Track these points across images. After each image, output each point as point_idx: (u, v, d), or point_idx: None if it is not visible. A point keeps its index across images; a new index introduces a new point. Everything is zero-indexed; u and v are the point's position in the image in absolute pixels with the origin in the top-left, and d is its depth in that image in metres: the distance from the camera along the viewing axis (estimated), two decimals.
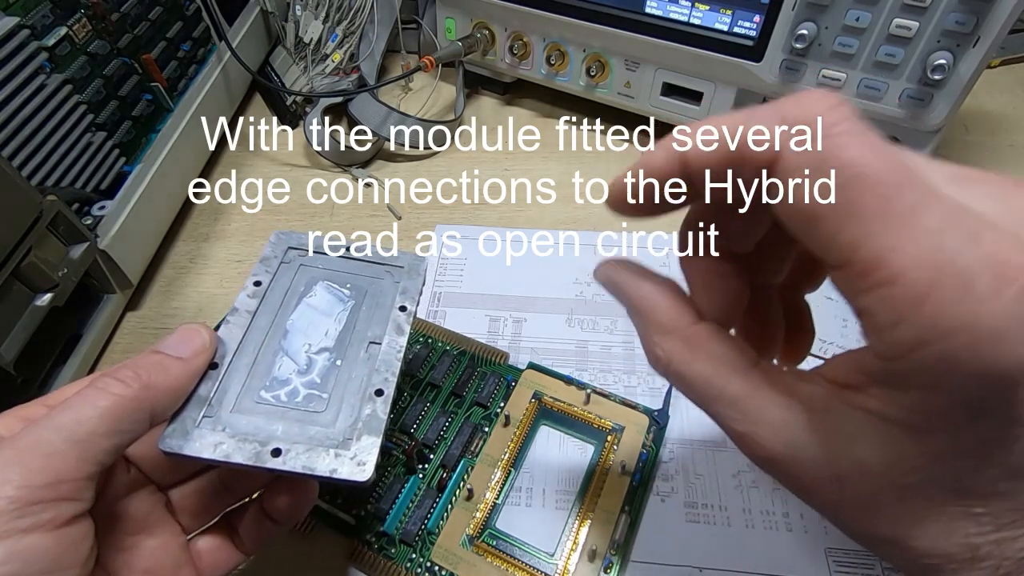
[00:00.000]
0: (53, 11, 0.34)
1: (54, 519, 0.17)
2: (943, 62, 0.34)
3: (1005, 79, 0.56)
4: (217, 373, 0.22)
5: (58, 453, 0.17)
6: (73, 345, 0.34)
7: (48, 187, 0.33)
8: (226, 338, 0.23)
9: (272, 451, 0.21)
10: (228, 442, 0.21)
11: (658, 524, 0.29)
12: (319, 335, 0.24)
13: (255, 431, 0.21)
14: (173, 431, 0.21)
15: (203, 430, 0.21)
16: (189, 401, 0.21)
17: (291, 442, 0.21)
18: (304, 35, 0.53)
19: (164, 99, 0.42)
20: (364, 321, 0.25)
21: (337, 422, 0.22)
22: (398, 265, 0.27)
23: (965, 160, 0.48)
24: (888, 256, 0.12)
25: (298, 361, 0.23)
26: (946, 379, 0.12)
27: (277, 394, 0.22)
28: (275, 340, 0.24)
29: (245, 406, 0.22)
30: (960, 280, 0.12)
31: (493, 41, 0.51)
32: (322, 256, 0.27)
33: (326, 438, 0.22)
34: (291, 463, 0.20)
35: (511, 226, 0.44)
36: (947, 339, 0.12)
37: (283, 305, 0.25)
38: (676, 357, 0.17)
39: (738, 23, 0.40)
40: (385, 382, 0.23)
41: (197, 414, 0.21)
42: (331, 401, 0.23)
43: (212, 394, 0.22)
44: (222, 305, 0.38)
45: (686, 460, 0.31)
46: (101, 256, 0.34)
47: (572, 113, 0.54)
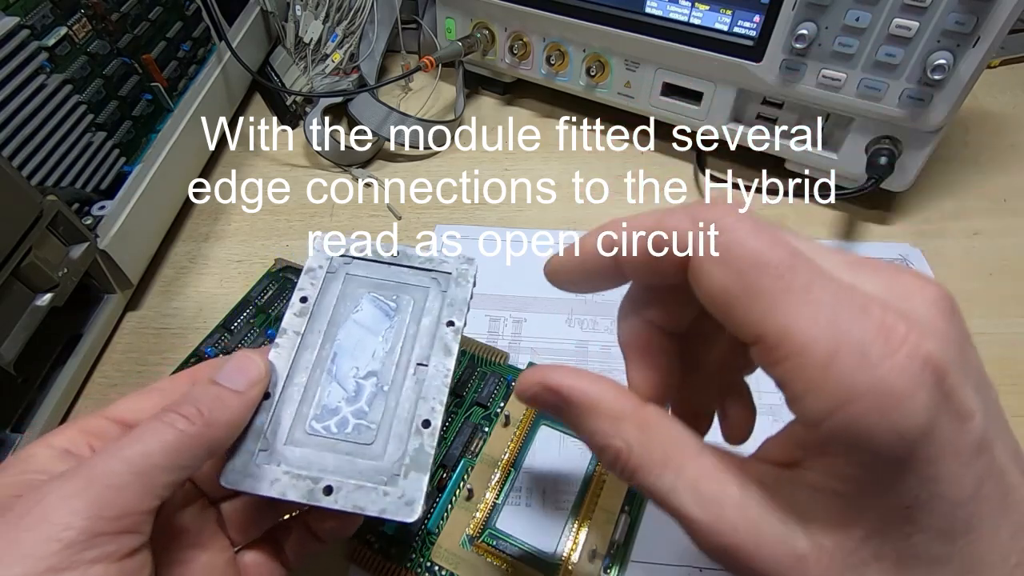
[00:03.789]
0: (53, 11, 0.34)
1: (117, 551, 0.17)
2: (943, 62, 0.34)
3: (1005, 79, 0.56)
4: (270, 403, 0.22)
5: (125, 486, 0.17)
6: (73, 345, 0.34)
7: (48, 187, 0.33)
8: (276, 363, 0.23)
9: (324, 488, 0.21)
10: (283, 479, 0.21)
11: (658, 524, 0.29)
12: (366, 357, 0.24)
13: (307, 465, 0.22)
14: (234, 467, 0.21)
15: (260, 466, 0.21)
16: (246, 433, 0.22)
17: (342, 477, 0.21)
18: (304, 35, 0.53)
19: (164, 99, 0.42)
20: (411, 338, 0.25)
21: (385, 455, 0.22)
22: (445, 272, 0.26)
23: (965, 160, 0.48)
24: (791, 330, 0.14)
25: (346, 387, 0.23)
26: (859, 443, 0.13)
27: (327, 424, 0.23)
28: (324, 363, 0.24)
29: (297, 438, 0.22)
30: (856, 348, 0.13)
31: (493, 41, 0.51)
32: (367, 263, 0.27)
33: (375, 473, 0.22)
34: (342, 502, 0.21)
35: (511, 226, 0.44)
36: (852, 403, 0.13)
37: (331, 322, 0.25)
38: (636, 442, 0.17)
39: (738, 23, 0.40)
40: (432, 412, 0.23)
41: (254, 447, 0.22)
42: (379, 432, 0.23)
43: (267, 426, 0.22)
44: (222, 305, 0.38)
45: None
46: (101, 256, 0.34)
47: (572, 113, 0.54)
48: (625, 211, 0.45)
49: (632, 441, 0.17)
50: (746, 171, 0.48)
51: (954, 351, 0.14)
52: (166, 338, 0.38)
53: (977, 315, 0.38)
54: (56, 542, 0.16)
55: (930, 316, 0.14)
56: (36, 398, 0.32)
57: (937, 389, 0.13)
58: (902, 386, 0.13)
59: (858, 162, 0.41)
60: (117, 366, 0.37)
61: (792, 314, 0.14)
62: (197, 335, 0.37)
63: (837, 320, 0.13)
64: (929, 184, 0.46)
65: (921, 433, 0.13)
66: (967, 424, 0.13)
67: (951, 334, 0.14)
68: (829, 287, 0.14)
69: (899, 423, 0.13)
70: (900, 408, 0.13)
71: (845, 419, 0.13)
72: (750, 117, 0.45)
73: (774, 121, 0.44)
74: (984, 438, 0.14)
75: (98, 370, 0.36)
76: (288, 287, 0.39)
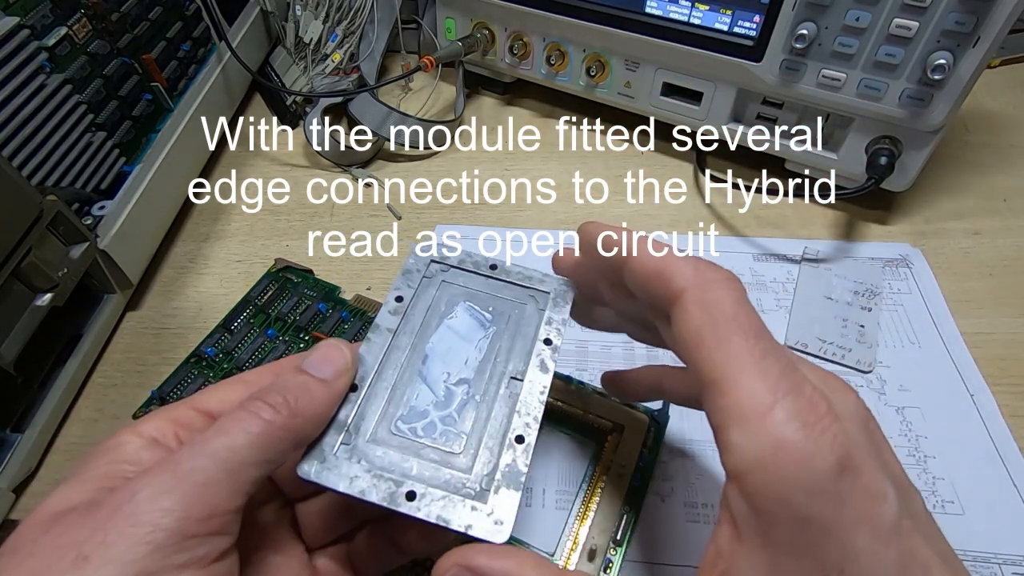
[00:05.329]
0: (53, 11, 0.34)
1: (207, 555, 0.16)
2: (943, 62, 0.34)
3: (1005, 79, 0.56)
4: (356, 396, 0.21)
5: (213, 483, 0.17)
6: (73, 345, 0.35)
7: (48, 187, 0.33)
8: (366, 356, 0.22)
9: (407, 494, 0.20)
10: (364, 477, 0.20)
11: (658, 524, 0.29)
12: (459, 363, 0.23)
13: (390, 467, 0.20)
14: (312, 457, 0.20)
15: (340, 460, 0.20)
16: (329, 425, 0.21)
17: (427, 485, 0.20)
18: (304, 35, 0.53)
19: (164, 99, 0.42)
20: (505, 352, 0.24)
21: (474, 467, 0.21)
22: (544, 290, 0.26)
23: (965, 160, 0.48)
24: (741, 383, 0.16)
25: (436, 391, 0.22)
26: (784, 491, 0.15)
27: (414, 427, 0.21)
28: (414, 364, 0.23)
29: (381, 436, 0.21)
30: (788, 410, 0.15)
31: (493, 41, 0.51)
32: (464, 273, 0.26)
33: (462, 485, 0.20)
34: (425, 511, 0.19)
35: (511, 226, 0.44)
36: (778, 452, 0.15)
37: (423, 324, 0.24)
38: None
39: (738, 23, 0.40)
40: (527, 428, 0.22)
41: (335, 440, 0.20)
42: (469, 442, 0.21)
43: (350, 419, 0.21)
44: (222, 305, 0.38)
45: (686, 460, 0.31)
46: (101, 256, 0.34)
47: (572, 113, 0.54)
48: (625, 211, 0.46)
49: None
50: (746, 171, 0.48)
51: (864, 439, 0.17)
52: (166, 338, 0.38)
53: (977, 315, 0.38)
54: (145, 545, 0.15)
55: (848, 410, 0.17)
56: (36, 398, 0.32)
57: (847, 459, 0.15)
58: (816, 447, 0.15)
59: (858, 162, 0.41)
60: (117, 366, 0.37)
61: (747, 371, 0.16)
62: (197, 335, 0.37)
63: (779, 386, 0.16)
64: (929, 184, 0.46)
65: (834, 488, 0.15)
66: (880, 503, 0.15)
67: (863, 427, 0.17)
68: (780, 361, 0.17)
69: (815, 474, 0.15)
70: (815, 461, 0.15)
71: (776, 463, 0.15)
72: (750, 117, 0.45)
73: (774, 121, 0.44)
74: (901, 523, 0.15)
75: (98, 370, 0.36)
76: (288, 287, 0.39)
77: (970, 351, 0.36)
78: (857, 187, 0.39)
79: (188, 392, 0.34)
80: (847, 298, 0.39)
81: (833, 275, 0.40)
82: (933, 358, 0.36)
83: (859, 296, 0.39)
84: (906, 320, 0.38)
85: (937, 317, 0.38)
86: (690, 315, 0.18)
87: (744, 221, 0.44)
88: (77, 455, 0.33)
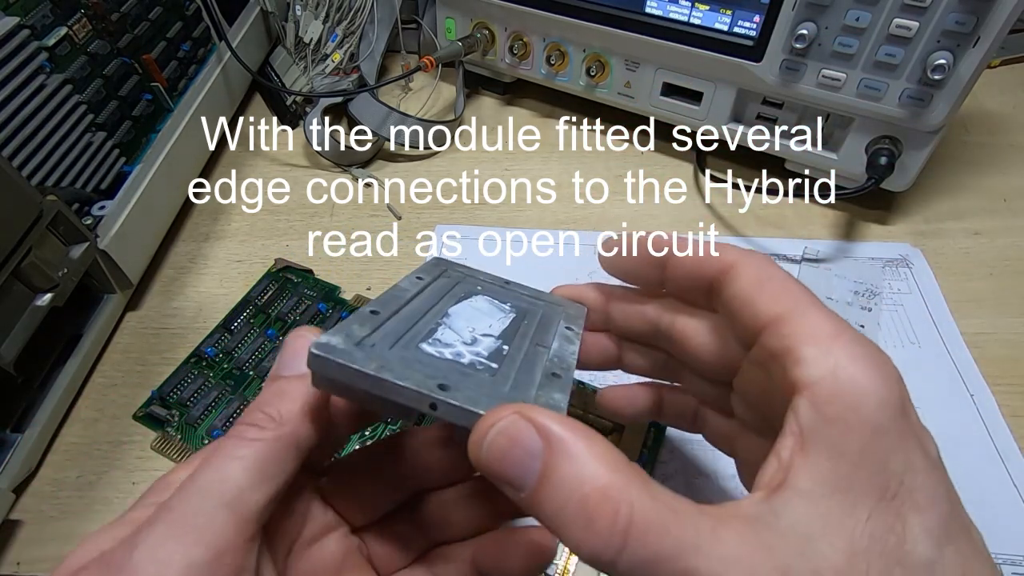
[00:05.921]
0: (53, 11, 0.34)
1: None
2: (943, 62, 0.34)
3: (1005, 79, 0.56)
4: (377, 318, 0.19)
5: (212, 521, 0.15)
6: (73, 345, 0.34)
7: (48, 187, 0.33)
8: (387, 300, 0.20)
9: (440, 385, 0.16)
10: (392, 361, 0.17)
11: None
12: (483, 326, 0.22)
13: (419, 367, 0.17)
14: (330, 336, 0.17)
15: (364, 349, 0.17)
16: (349, 326, 0.18)
17: (460, 387, 0.17)
18: (304, 35, 0.53)
19: (164, 99, 0.42)
20: (527, 329, 0.22)
21: (507, 387, 0.18)
22: (557, 304, 0.25)
23: (965, 160, 0.48)
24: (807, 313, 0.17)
25: (463, 335, 0.20)
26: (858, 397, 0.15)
27: (441, 351, 0.19)
28: (437, 316, 0.21)
29: (406, 353, 0.18)
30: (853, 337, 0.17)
31: (493, 41, 0.51)
32: (479, 281, 0.26)
33: (499, 396, 0.17)
34: (462, 401, 0.16)
35: (511, 226, 0.44)
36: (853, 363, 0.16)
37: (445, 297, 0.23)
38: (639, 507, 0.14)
39: (738, 23, 0.40)
40: (564, 368, 0.20)
41: (359, 332, 0.17)
42: (500, 373, 0.19)
43: (372, 331, 0.18)
44: (222, 305, 0.38)
45: (686, 460, 0.31)
46: (101, 256, 0.34)
47: (572, 113, 0.54)
48: (625, 211, 0.46)
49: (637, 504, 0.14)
50: (746, 171, 0.48)
51: None
52: (166, 338, 0.38)
53: (977, 315, 0.38)
54: None
55: None
56: (36, 398, 0.32)
57: (906, 388, 0.16)
58: (884, 367, 0.16)
59: (858, 162, 0.41)
60: (117, 366, 0.37)
61: (812, 308, 0.17)
62: (197, 335, 0.37)
63: (839, 321, 0.17)
64: (929, 184, 0.46)
65: (901, 406, 0.15)
66: (928, 438, 0.16)
67: None
68: (832, 313, 0.17)
69: (887, 388, 0.15)
70: (886, 377, 0.16)
71: (850, 376, 0.15)
72: (750, 117, 0.45)
73: (774, 121, 0.44)
74: (940, 460, 0.16)
75: (98, 370, 0.36)
76: (288, 287, 0.39)
77: (970, 351, 0.36)
78: (857, 187, 0.39)
79: (188, 392, 0.34)
80: (847, 298, 0.39)
81: (833, 275, 0.40)
82: (933, 358, 0.36)
83: (859, 296, 0.39)
84: (906, 320, 0.38)
85: (937, 317, 0.38)
86: (747, 275, 0.19)
87: (744, 221, 0.44)
88: (77, 455, 0.33)
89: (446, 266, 0.26)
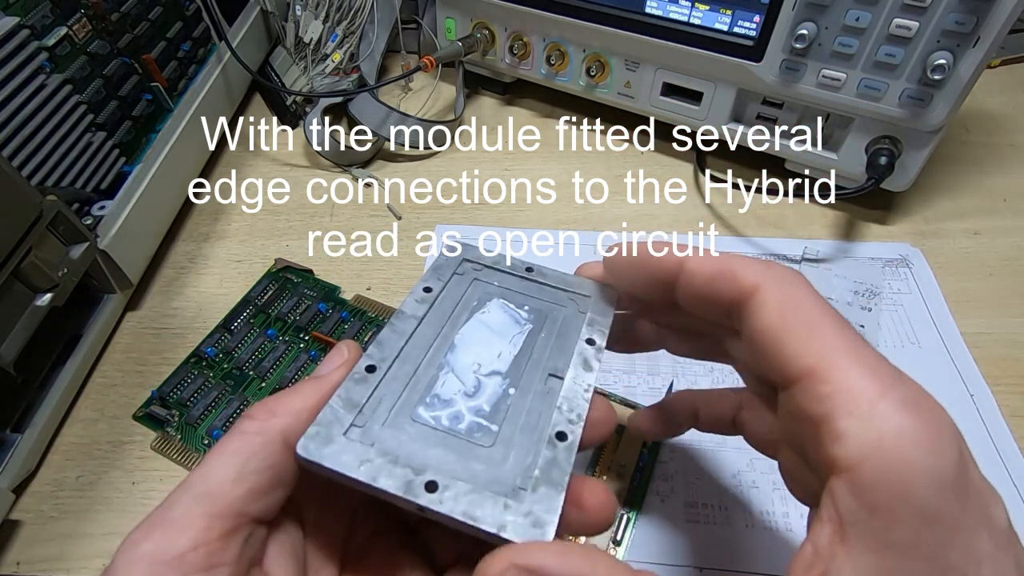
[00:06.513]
0: (53, 11, 0.34)
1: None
2: (943, 62, 0.34)
3: (1005, 79, 0.56)
4: (374, 378, 0.19)
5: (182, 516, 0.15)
6: (73, 345, 0.34)
7: (48, 187, 0.33)
8: (387, 342, 0.20)
9: (427, 483, 0.17)
10: (377, 462, 0.17)
11: (658, 524, 0.29)
12: (491, 356, 0.21)
13: (409, 455, 0.17)
14: (316, 434, 0.17)
15: (350, 441, 0.17)
16: (338, 403, 0.18)
17: (450, 477, 0.17)
18: (304, 35, 0.53)
19: (164, 99, 0.42)
20: (542, 348, 0.21)
21: (507, 463, 0.18)
22: (584, 293, 0.24)
23: (965, 160, 0.48)
24: (843, 367, 0.15)
25: (465, 381, 0.20)
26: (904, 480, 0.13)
27: (438, 416, 0.19)
28: (441, 353, 0.21)
29: (400, 423, 0.18)
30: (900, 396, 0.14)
31: (493, 41, 0.51)
32: (499, 273, 0.24)
33: (493, 481, 0.17)
34: (448, 505, 0.16)
35: (511, 226, 0.44)
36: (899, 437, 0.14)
37: (453, 317, 0.22)
38: None
39: (738, 23, 0.40)
40: (569, 425, 0.19)
41: (347, 421, 0.18)
42: (501, 435, 0.19)
43: (365, 400, 0.18)
44: (222, 305, 0.38)
45: (686, 460, 0.31)
46: (101, 256, 0.34)
47: (572, 113, 0.54)
48: (625, 211, 0.46)
49: None
50: (746, 171, 0.48)
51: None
52: (166, 338, 0.38)
53: (977, 315, 0.38)
54: None
55: None
56: (36, 398, 0.32)
57: (964, 453, 0.14)
58: (938, 435, 0.14)
59: (858, 162, 0.41)
60: (117, 366, 0.37)
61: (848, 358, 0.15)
62: (197, 335, 0.37)
63: (883, 372, 0.15)
64: (929, 184, 0.46)
65: (958, 483, 0.13)
66: (994, 505, 0.14)
67: None
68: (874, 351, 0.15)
69: (941, 465, 0.13)
70: (940, 451, 0.13)
71: (897, 454, 0.13)
72: (750, 117, 0.45)
73: (774, 121, 0.44)
74: (1011, 528, 0.14)
75: (98, 370, 0.36)
76: (288, 287, 0.39)
77: (970, 351, 0.36)
78: (857, 187, 0.39)
79: (188, 392, 0.34)
80: (847, 298, 0.39)
81: (833, 275, 0.40)
82: (933, 358, 0.36)
83: (859, 296, 0.39)
84: (906, 320, 0.38)
85: (937, 317, 0.38)
86: (771, 308, 0.17)
87: (744, 221, 0.44)
88: (77, 455, 0.33)
89: (462, 257, 0.24)
